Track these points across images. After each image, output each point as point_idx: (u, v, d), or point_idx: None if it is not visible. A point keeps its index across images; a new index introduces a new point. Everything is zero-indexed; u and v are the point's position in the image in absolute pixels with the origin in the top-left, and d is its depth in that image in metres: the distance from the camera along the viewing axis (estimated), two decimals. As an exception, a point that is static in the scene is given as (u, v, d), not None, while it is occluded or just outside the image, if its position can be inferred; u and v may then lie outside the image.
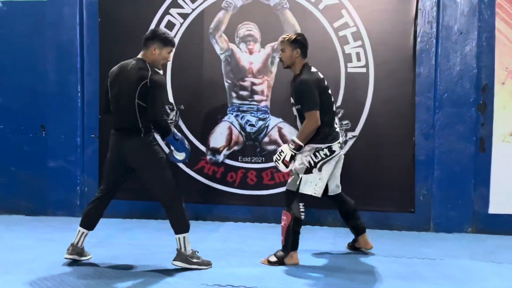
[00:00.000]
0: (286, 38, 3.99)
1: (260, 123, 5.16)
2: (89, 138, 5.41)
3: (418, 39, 4.91)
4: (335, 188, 4.18)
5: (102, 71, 5.28)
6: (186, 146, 3.88)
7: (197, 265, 3.77)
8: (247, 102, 5.16)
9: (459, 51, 4.83)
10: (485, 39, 4.82)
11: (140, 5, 5.24)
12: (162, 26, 5.19)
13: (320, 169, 3.88)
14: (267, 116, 5.15)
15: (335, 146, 3.94)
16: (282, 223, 3.89)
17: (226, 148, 5.22)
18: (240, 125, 5.19)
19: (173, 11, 5.20)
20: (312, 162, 3.88)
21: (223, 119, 5.21)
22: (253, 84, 5.14)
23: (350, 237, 4.34)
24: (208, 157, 5.24)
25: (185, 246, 3.75)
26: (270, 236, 4.57)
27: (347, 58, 4.99)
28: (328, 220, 5.12)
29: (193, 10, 5.18)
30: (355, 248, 4.35)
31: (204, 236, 4.60)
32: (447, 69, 4.85)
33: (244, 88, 5.15)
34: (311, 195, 3.90)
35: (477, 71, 4.83)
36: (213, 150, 5.22)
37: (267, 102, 5.13)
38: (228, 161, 5.22)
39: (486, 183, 4.89)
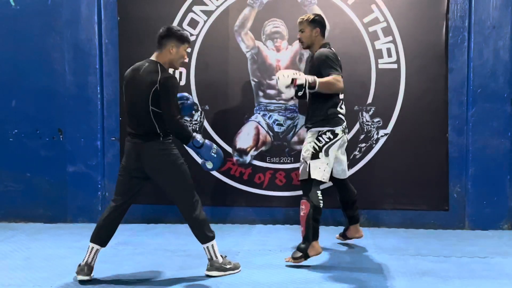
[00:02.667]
0: (305, 18, 4.01)
1: (289, 122, 5.03)
2: (110, 141, 5.23)
3: (450, 34, 4.82)
4: (341, 172, 4.21)
5: (122, 71, 5.04)
6: (212, 153, 3.58)
7: (231, 271, 3.64)
8: (274, 101, 5.03)
9: (492, 46, 4.75)
10: (517, 33, 4.78)
11: (161, 3, 5.07)
12: (184, 24, 5.04)
13: (326, 153, 3.88)
14: (295, 115, 5.02)
15: (338, 129, 3.94)
16: (301, 213, 3.85)
17: (254, 149, 5.08)
18: (268, 124, 5.05)
19: (196, 8, 5.03)
20: (317, 147, 3.87)
21: (250, 119, 5.07)
22: (281, 82, 5.00)
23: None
24: (235, 158, 5.09)
25: (215, 254, 3.62)
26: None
27: (378, 54, 4.89)
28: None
29: (218, 7, 5.02)
30: (345, 236, 4.41)
31: (240, 241, 4.47)
32: (480, 64, 4.77)
33: (271, 86, 5.01)
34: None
35: (511, 66, 4.77)
36: (240, 151, 5.08)
37: (296, 100, 4.99)
38: (255, 162, 5.08)
39: (520, 178, 4.85)
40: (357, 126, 4.93)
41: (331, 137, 3.90)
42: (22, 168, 5.33)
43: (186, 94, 3.92)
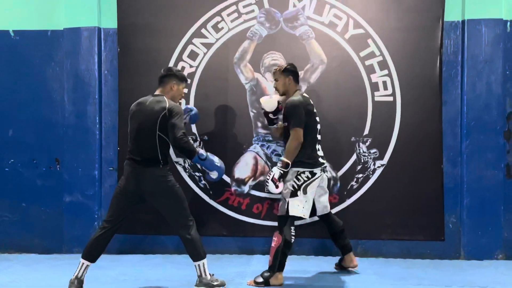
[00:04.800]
0: (278, 69, 4.34)
1: (287, 153, 5.09)
2: (107, 172, 5.22)
3: (444, 68, 4.97)
4: (323, 208, 4.40)
5: (121, 102, 5.16)
6: (216, 163, 3.99)
7: (217, 287, 3.89)
8: (273, 132, 5.10)
9: (484, 80, 4.90)
10: (509, 68, 4.93)
11: (161, 35, 5.14)
12: (184, 56, 5.12)
13: (305, 192, 4.10)
14: (293, 145, 5.08)
15: (316, 169, 4.15)
16: (273, 244, 4.07)
17: (252, 179, 5.11)
18: (266, 155, 5.10)
19: (196, 40, 5.12)
20: (295, 186, 4.09)
21: (248, 149, 5.11)
22: (279, 113, 5.09)
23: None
24: (233, 188, 5.12)
25: (205, 272, 3.88)
26: (312, 269, 4.51)
27: (374, 86, 5.00)
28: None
29: (217, 39, 5.11)
30: (342, 267, 4.51)
31: (241, 271, 4.45)
32: (474, 97, 4.91)
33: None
34: (300, 217, 4.13)
35: (503, 99, 4.91)
36: (238, 181, 5.11)
37: (294, 131, 5.06)
38: (254, 192, 5.11)
39: (513, 209, 4.95)
40: (354, 157, 5.01)
41: (309, 176, 4.13)
42: (17, 198, 5.31)
43: (189, 106, 4.42)
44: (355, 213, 5.00)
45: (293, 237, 4.04)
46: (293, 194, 4.08)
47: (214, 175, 3.99)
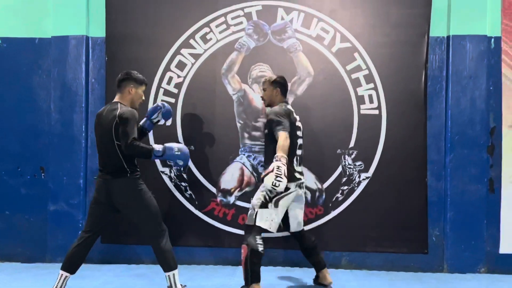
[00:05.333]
0: (267, 79, 4.34)
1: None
2: (92, 181, 5.18)
3: (429, 83, 5.03)
4: (297, 226, 4.34)
5: (108, 110, 5.15)
6: (176, 153, 3.87)
7: None
8: (259, 143, 5.10)
9: (469, 95, 4.96)
10: (492, 83, 5.00)
11: (150, 45, 5.15)
12: (172, 66, 5.13)
13: (276, 205, 4.06)
14: (280, 157, 5.10)
15: (291, 184, 4.10)
16: (242, 257, 4.04)
17: (238, 189, 5.12)
18: (252, 166, 5.12)
19: (184, 51, 5.14)
20: (267, 197, 4.06)
21: (234, 160, 5.13)
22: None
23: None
24: (219, 198, 5.12)
25: (175, 283, 3.87)
26: (297, 281, 4.51)
27: (360, 100, 5.05)
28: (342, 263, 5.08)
29: (205, 50, 5.14)
30: (319, 283, 4.46)
31: (226, 282, 4.45)
32: (458, 112, 4.97)
33: (256, 128, 5.10)
34: (266, 230, 4.06)
35: (486, 115, 4.99)
36: (224, 192, 5.12)
37: (280, 143, 5.08)
38: (239, 203, 5.12)
39: (496, 223, 4.98)
40: (339, 169, 5.04)
41: (283, 190, 4.02)
42: (1, 206, 5.26)
43: (159, 103, 4.33)
44: (340, 225, 5.03)
45: (260, 246, 3.99)
46: (263, 205, 4.05)
47: (179, 162, 3.92)
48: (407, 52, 5.02)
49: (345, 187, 5.05)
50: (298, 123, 4.29)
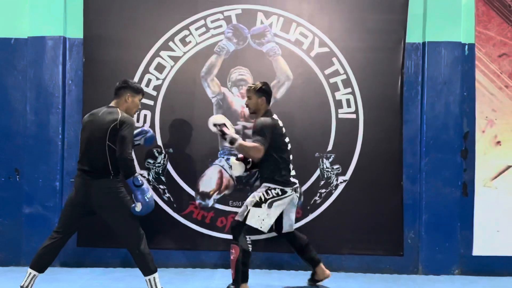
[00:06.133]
0: (253, 87, 4.38)
1: (252, 167, 5.14)
2: (69, 183, 5.11)
3: (405, 88, 5.13)
4: (289, 227, 4.44)
5: (85, 113, 4.99)
6: (146, 197, 3.77)
7: None
8: (238, 146, 5.12)
9: (443, 100, 5.08)
10: (466, 89, 5.13)
11: (128, 47, 5.12)
12: (151, 68, 5.11)
13: (270, 206, 4.15)
14: (258, 160, 5.13)
15: (288, 189, 4.25)
16: (231, 257, 4.09)
17: (217, 192, 5.13)
18: (231, 169, 5.13)
19: (163, 53, 5.13)
20: (263, 198, 4.16)
21: (213, 163, 5.13)
22: (245, 127, 5.12)
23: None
24: (198, 201, 5.11)
25: (156, 286, 3.86)
26: (275, 283, 4.56)
27: (338, 104, 5.12)
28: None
29: (185, 53, 5.13)
30: (315, 280, 4.56)
31: (205, 285, 4.45)
32: (433, 117, 5.08)
33: (236, 131, 5.11)
34: (255, 230, 4.15)
35: (460, 119, 5.10)
36: (203, 195, 5.11)
37: (259, 146, 5.11)
38: (218, 206, 5.12)
39: (469, 226, 5.10)
40: (317, 172, 5.10)
41: (280, 193, 4.22)
42: (-25, 207, 5.16)
43: (145, 128, 4.34)
44: (318, 227, 5.08)
45: (250, 246, 4.08)
46: (257, 204, 4.14)
47: (138, 207, 3.74)
48: (384, 58, 5.12)
49: (323, 190, 5.10)
50: (283, 129, 4.37)
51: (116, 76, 5.06)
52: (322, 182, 5.10)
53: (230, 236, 4.99)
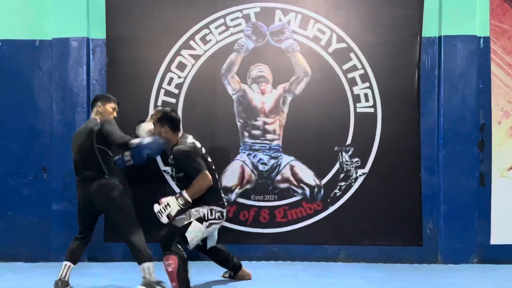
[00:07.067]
0: (154, 116, 4.32)
1: (273, 161, 5.25)
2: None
3: (422, 81, 5.22)
4: (213, 242, 4.36)
5: (109, 111, 5.23)
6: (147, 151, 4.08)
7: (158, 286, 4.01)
8: (259, 141, 5.25)
9: (460, 93, 5.17)
10: (482, 82, 5.21)
11: (150, 46, 5.24)
12: (173, 67, 5.24)
13: (208, 226, 4.13)
14: (279, 154, 5.24)
15: (224, 211, 4.26)
16: (170, 268, 3.89)
17: (239, 187, 5.25)
18: (253, 163, 5.25)
19: (184, 52, 5.25)
20: (206, 217, 4.11)
21: (235, 158, 5.26)
22: (265, 123, 5.24)
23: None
24: (220, 196, 5.24)
25: (150, 273, 4.00)
26: (300, 274, 4.68)
27: (356, 98, 5.22)
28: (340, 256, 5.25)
29: (205, 51, 5.25)
30: (232, 277, 4.61)
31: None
32: (450, 109, 5.17)
33: (256, 127, 5.24)
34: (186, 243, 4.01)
35: (477, 111, 5.20)
36: (225, 189, 5.23)
37: (279, 141, 5.23)
38: (240, 200, 5.25)
39: (487, 215, 5.21)
40: (337, 166, 5.21)
41: (220, 217, 4.20)
42: (3, 207, 5.31)
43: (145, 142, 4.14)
44: (338, 219, 5.20)
45: (184, 253, 3.95)
46: (200, 220, 4.06)
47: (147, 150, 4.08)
48: (400, 52, 5.21)
49: (343, 183, 5.22)
50: (203, 150, 4.32)
51: (139, 75, 5.25)
52: (342, 175, 5.22)
53: (253, 229, 5.23)
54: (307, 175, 5.20)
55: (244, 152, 5.26)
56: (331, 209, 5.21)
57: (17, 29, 5.32)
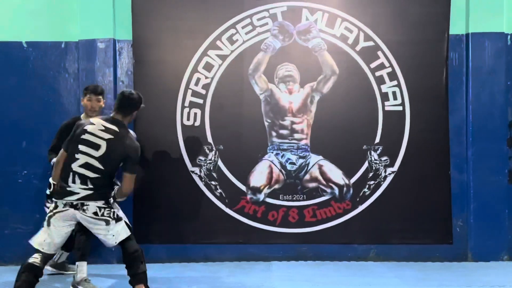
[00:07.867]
0: None
1: (301, 161, 5.24)
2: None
3: (450, 79, 5.21)
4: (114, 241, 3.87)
5: (137, 113, 5.18)
6: None
7: None
8: (287, 141, 5.23)
9: (488, 90, 5.16)
10: (510, 78, 5.20)
11: (177, 47, 5.25)
12: (200, 67, 5.23)
13: (48, 224, 3.64)
14: (307, 154, 5.23)
15: (59, 202, 3.65)
16: None
17: (267, 187, 5.24)
18: (281, 163, 5.24)
19: (211, 52, 5.24)
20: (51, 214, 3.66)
21: (263, 158, 5.25)
22: (293, 123, 5.23)
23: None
24: (249, 196, 5.23)
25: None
26: (333, 274, 4.67)
27: (384, 97, 5.21)
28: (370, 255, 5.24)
29: (232, 51, 5.24)
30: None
31: (265, 277, 4.57)
32: (478, 107, 5.16)
33: (284, 127, 5.23)
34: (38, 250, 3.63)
35: (505, 109, 5.19)
36: (254, 189, 5.23)
37: (307, 140, 5.22)
38: (269, 200, 5.24)
39: (516, 212, 5.22)
40: (366, 165, 5.20)
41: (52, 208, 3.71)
42: (31, 210, 5.28)
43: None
44: (367, 218, 5.19)
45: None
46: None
47: None
48: (428, 50, 5.21)
49: (372, 182, 5.21)
50: (88, 136, 3.65)
51: (165, 76, 5.25)
52: (371, 174, 5.21)
53: (281, 229, 5.23)
54: (336, 174, 5.19)
55: (272, 152, 5.25)
56: (360, 208, 5.20)
57: (42, 31, 5.31)
